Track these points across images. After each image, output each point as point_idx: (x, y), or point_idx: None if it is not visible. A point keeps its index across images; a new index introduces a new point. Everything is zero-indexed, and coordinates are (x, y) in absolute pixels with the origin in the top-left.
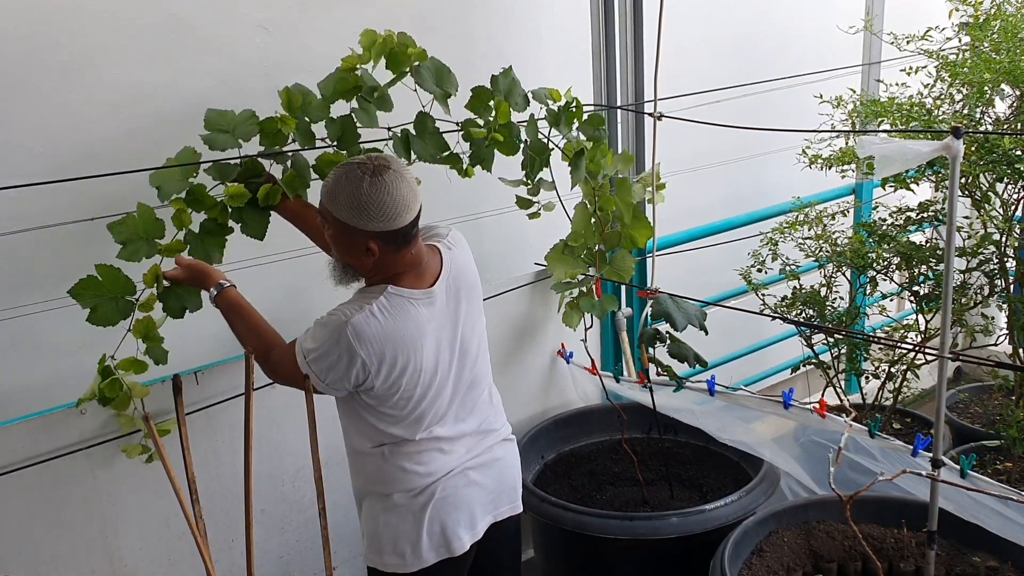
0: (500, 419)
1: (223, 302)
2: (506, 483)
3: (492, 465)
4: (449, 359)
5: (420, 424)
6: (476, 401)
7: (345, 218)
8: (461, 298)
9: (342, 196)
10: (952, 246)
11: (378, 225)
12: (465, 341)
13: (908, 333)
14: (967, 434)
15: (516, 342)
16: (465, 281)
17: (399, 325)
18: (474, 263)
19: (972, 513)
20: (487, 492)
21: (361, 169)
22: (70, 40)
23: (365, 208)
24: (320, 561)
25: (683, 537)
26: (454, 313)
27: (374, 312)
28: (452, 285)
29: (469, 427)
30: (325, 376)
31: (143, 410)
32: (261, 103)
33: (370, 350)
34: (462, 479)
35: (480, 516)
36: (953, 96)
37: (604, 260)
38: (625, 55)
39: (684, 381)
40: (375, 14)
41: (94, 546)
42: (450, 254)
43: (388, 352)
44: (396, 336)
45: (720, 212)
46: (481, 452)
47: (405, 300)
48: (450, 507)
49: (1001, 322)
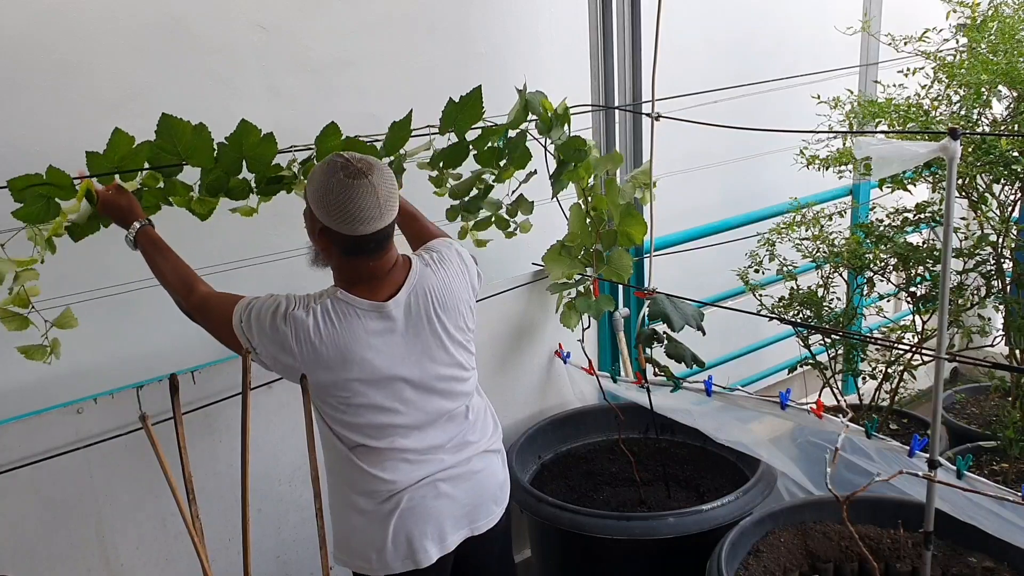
0: (479, 432)
1: (145, 239)
2: (484, 496)
3: (468, 478)
4: (408, 373)
5: (383, 433)
6: (449, 415)
7: (312, 204)
8: (431, 315)
9: (315, 180)
10: (949, 247)
11: (333, 223)
12: (432, 358)
13: (905, 334)
14: (963, 435)
15: (513, 342)
16: (438, 297)
17: (337, 333)
18: (467, 281)
19: (968, 514)
20: (460, 505)
21: (343, 165)
22: (67, 40)
23: (326, 203)
24: (317, 561)
25: (680, 537)
26: (416, 328)
27: (316, 314)
28: (417, 301)
29: (438, 440)
30: (254, 340)
31: (141, 408)
32: (259, 102)
33: (302, 341)
34: (431, 490)
35: (451, 529)
36: (950, 97)
37: (602, 260)
38: (623, 55)
39: (681, 381)
40: (373, 13)
41: (90, 546)
42: (424, 270)
43: (321, 352)
44: (330, 342)
45: (718, 212)
46: (455, 464)
47: (352, 308)
48: (416, 518)
49: (998, 323)
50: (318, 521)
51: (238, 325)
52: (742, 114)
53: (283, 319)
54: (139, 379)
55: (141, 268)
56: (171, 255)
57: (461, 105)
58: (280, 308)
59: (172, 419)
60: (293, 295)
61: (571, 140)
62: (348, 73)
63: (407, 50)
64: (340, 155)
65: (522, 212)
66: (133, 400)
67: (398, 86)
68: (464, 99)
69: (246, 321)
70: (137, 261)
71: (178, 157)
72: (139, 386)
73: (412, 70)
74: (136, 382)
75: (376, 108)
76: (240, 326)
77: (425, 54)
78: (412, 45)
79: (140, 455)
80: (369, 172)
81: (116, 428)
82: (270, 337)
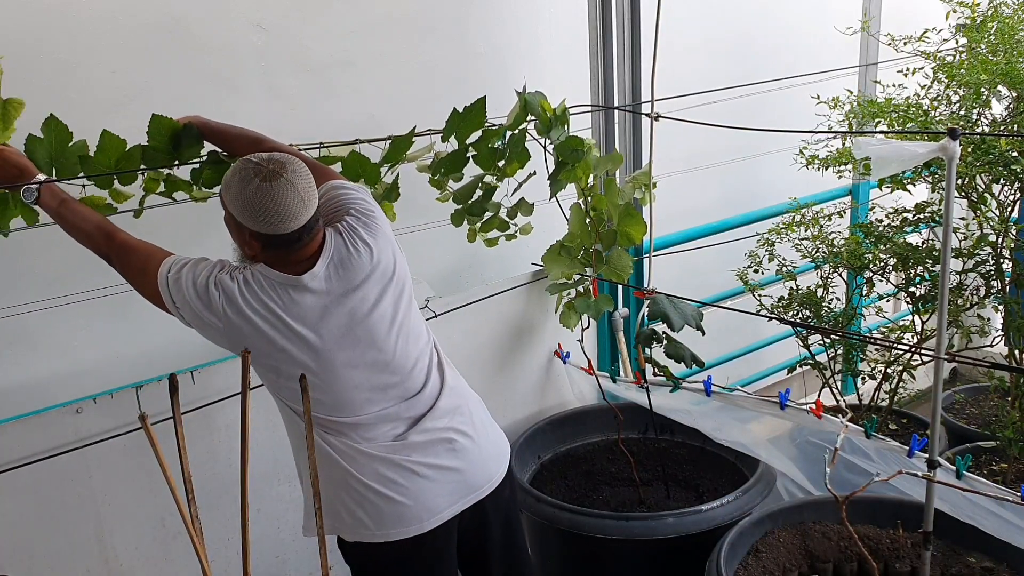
0: (447, 404)
1: (49, 192)
2: (471, 468)
3: (446, 455)
4: (336, 346)
5: (337, 408)
6: (398, 386)
7: (233, 212)
8: (351, 283)
9: (233, 191)
10: (948, 247)
11: (259, 227)
12: (363, 327)
13: (904, 334)
14: (963, 435)
15: (513, 342)
16: (355, 265)
17: (257, 300)
18: (386, 244)
19: (968, 514)
20: (442, 483)
21: (255, 170)
22: (67, 40)
23: (249, 209)
24: (316, 560)
25: (679, 537)
26: (341, 298)
27: (239, 280)
28: (335, 271)
29: (394, 410)
30: (176, 296)
31: (140, 408)
32: (259, 102)
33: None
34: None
35: (437, 508)
36: (950, 97)
37: (601, 260)
38: (622, 55)
39: (680, 381)
40: (373, 13)
41: (89, 546)
42: (337, 239)
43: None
44: (251, 306)
45: (717, 213)
46: (426, 443)
47: (272, 282)
48: (376, 504)
49: (997, 323)
50: (318, 520)
51: (163, 278)
52: (742, 114)
53: (213, 283)
54: (138, 379)
55: None
56: (78, 205)
57: (464, 115)
58: (213, 271)
59: (171, 419)
60: (218, 261)
61: (569, 140)
62: (348, 73)
63: (407, 50)
64: (249, 160)
65: (522, 214)
66: (132, 400)
67: (398, 86)
68: (468, 109)
69: (173, 276)
70: None
71: (171, 157)
72: (138, 386)
73: (412, 70)
74: (135, 382)
75: (376, 108)
76: (166, 278)
77: (425, 54)
78: (412, 45)
79: (139, 455)
80: (283, 170)
81: (115, 428)
82: (198, 295)
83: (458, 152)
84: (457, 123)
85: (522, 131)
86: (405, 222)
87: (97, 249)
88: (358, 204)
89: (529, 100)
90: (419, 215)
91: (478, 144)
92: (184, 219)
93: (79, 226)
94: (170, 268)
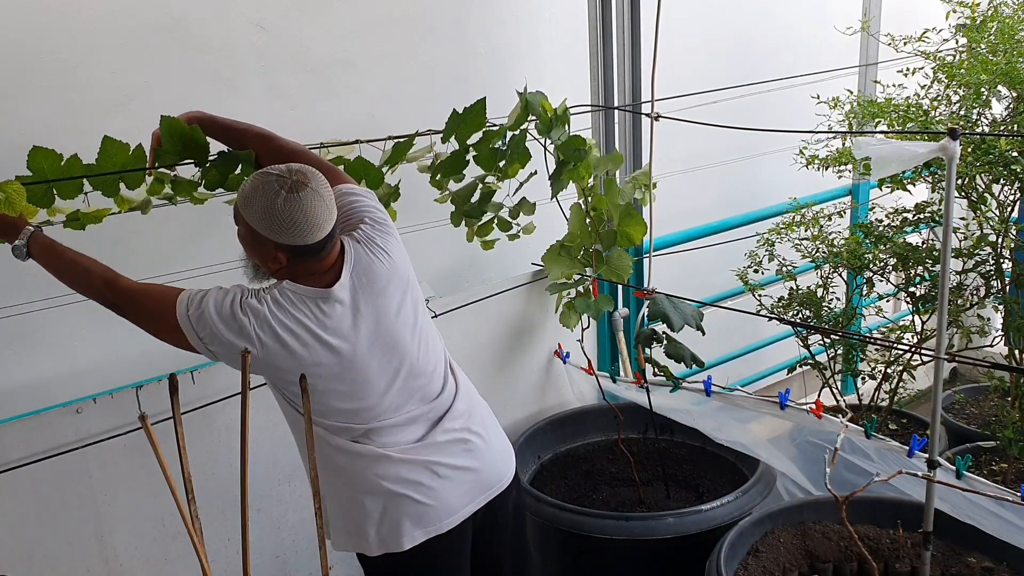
0: (462, 406)
1: (38, 247)
2: (485, 468)
3: (463, 455)
4: (368, 353)
5: (365, 415)
6: (423, 389)
7: (257, 227)
8: (376, 291)
9: (256, 205)
10: (948, 247)
11: (288, 239)
12: (390, 333)
13: (904, 334)
14: (963, 435)
15: (513, 342)
16: (377, 273)
17: (289, 318)
18: (400, 251)
19: (968, 514)
20: (459, 483)
21: (279, 183)
22: (67, 40)
23: (277, 222)
24: (316, 560)
25: (679, 537)
26: (367, 306)
27: (267, 301)
28: (359, 280)
29: (418, 412)
30: (203, 330)
31: (140, 408)
32: (259, 102)
33: (256, 325)
34: (424, 474)
35: (456, 508)
36: (950, 97)
37: (601, 260)
38: (622, 55)
39: (680, 381)
40: (373, 13)
41: (89, 546)
42: (357, 248)
43: (280, 336)
44: (284, 326)
45: (717, 213)
46: (445, 443)
47: (301, 297)
48: (401, 507)
49: (997, 323)
50: (317, 520)
51: (184, 316)
52: (742, 114)
53: (240, 309)
54: (138, 379)
55: (141, 268)
56: (72, 253)
57: (464, 116)
58: (237, 297)
59: (171, 419)
60: (239, 288)
61: (571, 140)
62: (348, 73)
63: (407, 50)
64: (269, 172)
65: (524, 213)
66: (132, 400)
67: (398, 86)
68: (468, 110)
69: (195, 312)
70: (135, 262)
71: (178, 157)
72: (138, 386)
73: (412, 70)
74: (135, 382)
75: (376, 108)
76: (187, 316)
77: (425, 54)
78: (412, 45)
79: (139, 455)
80: (307, 180)
81: (115, 428)
82: (227, 325)
83: (458, 153)
84: (457, 124)
85: (523, 131)
86: (405, 222)
87: (102, 299)
88: (371, 212)
89: (530, 100)
90: (419, 215)
91: (479, 145)
92: (184, 219)
93: (76, 275)
94: (188, 305)
